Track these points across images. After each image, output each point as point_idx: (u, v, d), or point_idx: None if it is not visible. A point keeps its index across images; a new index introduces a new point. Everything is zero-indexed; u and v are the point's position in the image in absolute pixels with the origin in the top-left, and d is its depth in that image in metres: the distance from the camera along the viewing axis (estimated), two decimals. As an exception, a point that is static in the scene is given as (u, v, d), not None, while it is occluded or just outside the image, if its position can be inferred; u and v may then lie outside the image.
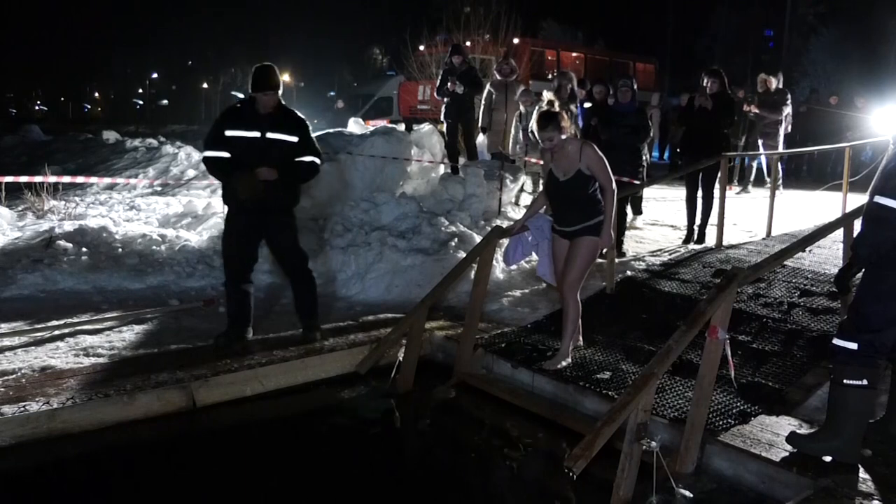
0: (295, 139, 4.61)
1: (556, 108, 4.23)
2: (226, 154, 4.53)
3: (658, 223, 9.48)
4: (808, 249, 6.66)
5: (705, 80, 7.55)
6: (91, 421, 3.76)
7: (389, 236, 6.82)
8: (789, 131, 11.94)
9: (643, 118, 7.38)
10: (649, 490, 3.18)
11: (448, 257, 6.46)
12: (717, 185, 7.75)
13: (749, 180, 11.84)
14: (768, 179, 11.53)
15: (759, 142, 11.45)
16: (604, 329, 5.17)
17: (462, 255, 6.27)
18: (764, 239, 8.03)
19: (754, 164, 11.93)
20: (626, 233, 7.76)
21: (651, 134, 8.01)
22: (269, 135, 4.53)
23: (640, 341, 4.89)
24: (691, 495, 3.25)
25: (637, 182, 7.29)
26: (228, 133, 4.53)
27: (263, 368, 4.39)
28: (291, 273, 4.96)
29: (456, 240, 6.86)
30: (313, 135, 4.79)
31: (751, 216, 9.34)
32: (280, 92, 4.58)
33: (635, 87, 7.37)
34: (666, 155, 15.22)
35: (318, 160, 4.77)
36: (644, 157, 8.19)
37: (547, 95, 4.44)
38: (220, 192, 8.75)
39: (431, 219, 7.20)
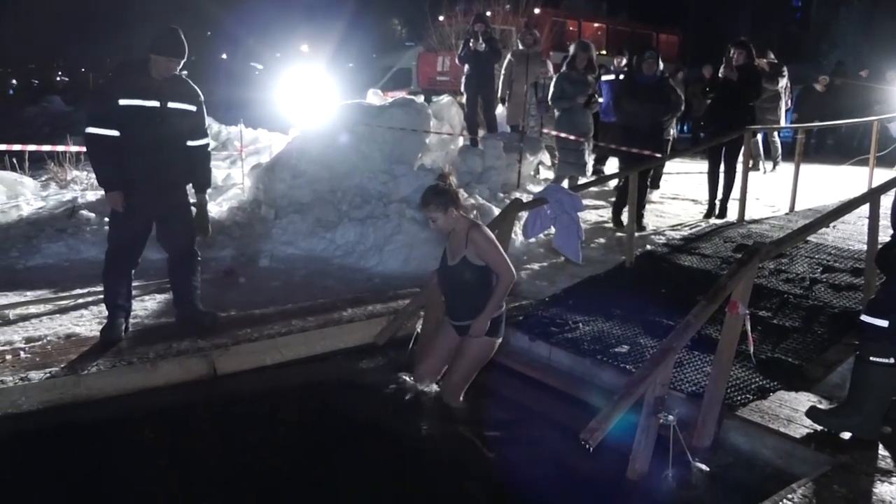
0: (193, 108, 4.32)
1: (449, 184, 3.71)
2: (115, 133, 4.07)
3: (679, 197, 9.38)
4: (831, 225, 6.58)
5: (732, 52, 7.39)
6: (115, 388, 3.83)
7: (408, 208, 6.81)
8: (790, 106, 11.62)
9: (668, 90, 7.25)
10: (665, 463, 3.19)
11: (466, 230, 6.44)
12: (740, 160, 7.65)
13: (776, 157, 11.55)
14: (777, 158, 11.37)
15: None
16: (622, 303, 5.14)
17: (480, 227, 6.25)
18: (787, 214, 7.93)
19: (777, 140, 11.67)
20: (647, 206, 7.70)
21: (681, 108, 7.86)
22: (170, 104, 4.16)
23: (659, 316, 4.87)
24: (708, 469, 3.25)
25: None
26: (123, 102, 4.05)
27: (283, 338, 4.44)
28: (181, 252, 4.53)
29: (475, 212, 6.83)
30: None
31: (774, 191, 9.21)
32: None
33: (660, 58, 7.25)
34: (686, 128, 14.99)
35: (208, 140, 4.50)
36: (672, 132, 8.07)
37: (444, 169, 3.96)
38: (239, 162, 8.87)
39: (450, 191, 7.17)
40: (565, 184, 7.90)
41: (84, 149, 7.85)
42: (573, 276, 5.85)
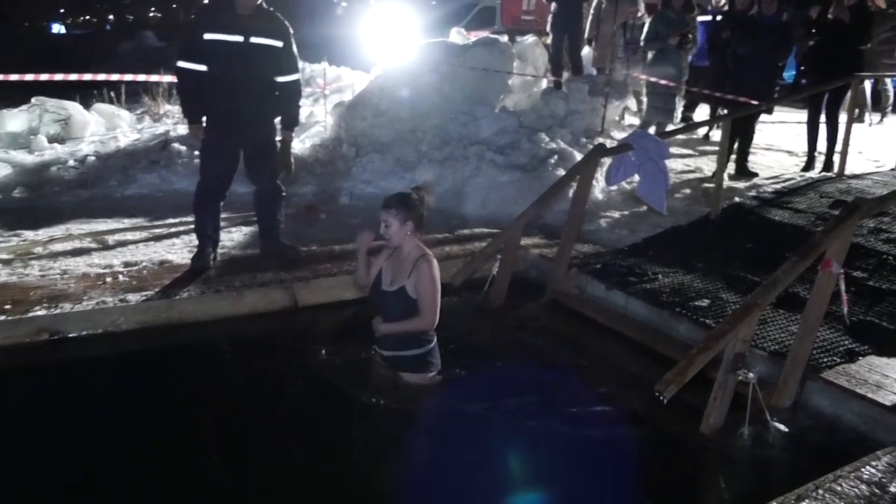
0: (280, 44, 4.28)
1: (421, 199, 3.30)
2: (203, 67, 4.16)
3: (772, 148, 8.92)
4: (943, 183, 6.12)
5: (845, -11, 6.83)
6: (204, 313, 4.03)
7: (487, 151, 6.75)
8: None
9: (790, 33, 6.80)
10: (741, 421, 3.13)
11: (546, 174, 6.35)
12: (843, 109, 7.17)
13: (886, 107, 10.71)
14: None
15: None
16: (704, 256, 4.98)
17: (561, 172, 6.15)
18: (892, 170, 7.41)
19: (890, 88, 10.81)
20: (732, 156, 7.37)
21: (792, 51, 7.38)
22: (253, 39, 4.17)
23: (743, 270, 4.69)
24: (786, 430, 3.17)
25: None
26: (208, 37, 4.10)
27: (361, 275, 4.53)
28: (266, 187, 4.64)
29: (555, 157, 6.72)
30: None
31: (879, 144, 8.61)
32: None
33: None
34: (786, 74, 14.08)
35: (298, 76, 4.46)
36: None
37: (422, 187, 3.40)
38: (322, 100, 8.96)
39: (531, 135, 7.06)
40: (652, 130, 7.61)
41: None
42: (654, 225, 5.70)
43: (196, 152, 6.63)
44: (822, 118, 7.32)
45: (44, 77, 6.30)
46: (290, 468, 2.87)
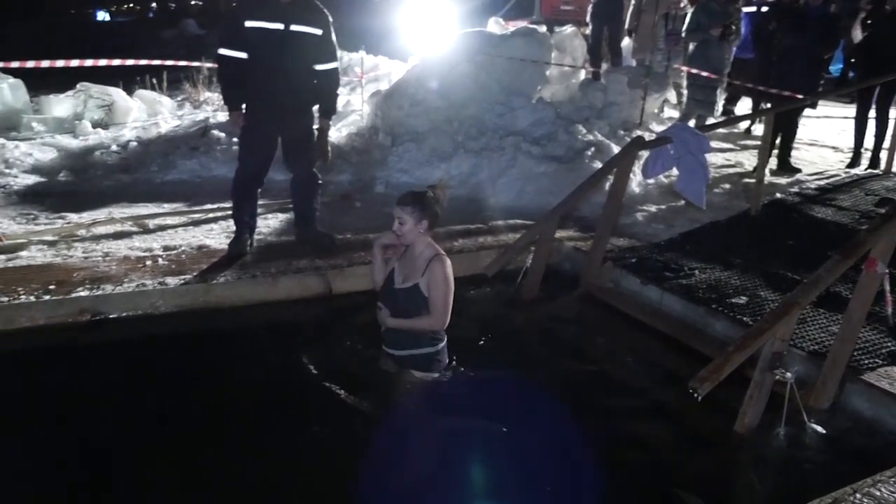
0: (319, 32, 4.31)
1: (437, 198, 3.27)
2: (243, 55, 4.22)
3: (817, 143, 8.71)
4: None
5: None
6: (240, 298, 4.10)
7: (524, 142, 6.71)
8: None
9: (837, 25, 6.62)
10: (777, 421, 3.07)
11: (582, 166, 6.29)
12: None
13: None
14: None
15: None
16: (743, 252, 4.90)
17: (597, 165, 6.09)
18: (943, 167, 7.17)
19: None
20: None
21: (840, 44, 7.19)
22: (293, 27, 4.20)
23: (783, 268, 4.60)
24: (824, 431, 3.10)
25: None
26: (249, 24, 4.16)
27: (395, 263, 4.56)
28: (303, 175, 4.67)
29: (592, 149, 6.65)
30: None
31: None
32: None
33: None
34: (832, 67, 13.69)
35: (336, 64, 4.49)
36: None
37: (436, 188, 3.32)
38: (359, 89, 9.00)
39: (568, 126, 6.99)
40: (692, 123, 7.48)
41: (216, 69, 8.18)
42: (692, 220, 5.61)
43: (235, 139, 6.72)
44: (872, 113, 7.11)
45: (88, 63, 6.43)
46: (292, 460, 2.87)
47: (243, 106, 4.41)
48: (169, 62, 7.81)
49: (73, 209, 5.36)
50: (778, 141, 7.07)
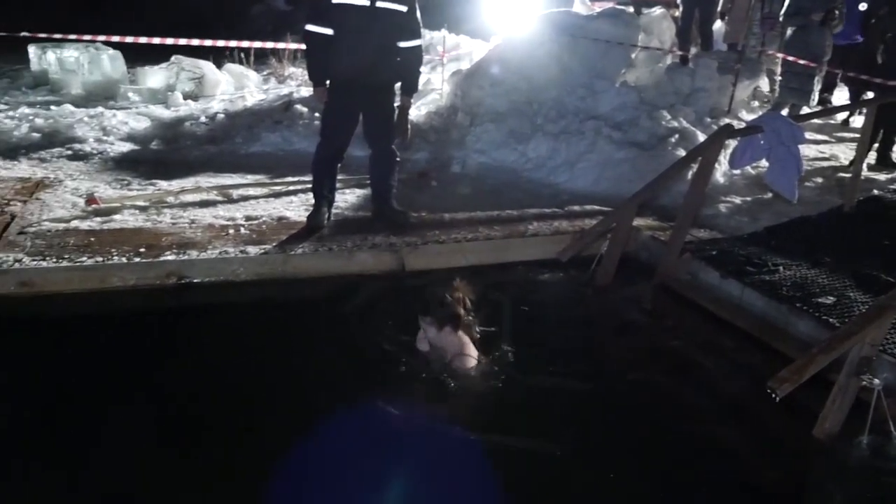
0: (404, 9, 4.32)
1: (456, 297, 3.23)
2: (329, 31, 4.27)
3: (922, 138, 8.13)
4: None
5: None
6: (317, 269, 4.20)
7: (605, 126, 6.57)
8: None
9: None
10: (861, 429, 2.93)
11: (665, 154, 6.12)
12: None
13: None
14: None
15: None
16: (833, 250, 4.66)
17: (681, 152, 5.91)
18: None
19: None
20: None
21: None
22: (379, 4, 4.24)
23: (877, 269, 4.35)
24: (912, 443, 2.94)
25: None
26: (335, 0, 4.21)
27: (469, 244, 4.58)
28: (382, 152, 4.74)
29: (676, 136, 6.45)
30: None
31: None
32: None
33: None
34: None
35: (420, 42, 4.50)
36: None
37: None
38: (440, 68, 8.99)
39: (652, 111, 6.80)
40: (784, 112, 7.13)
41: (301, 46, 8.34)
42: (779, 214, 5.37)
43: (317, 114, 6.86)
44: None
45: (182, 42, 6.66)
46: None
47: (327, 82, 4.48)
48: (257, 44, 8.00)
49: (163, 177, 5.60)
50: (879, 135, 6.66)
